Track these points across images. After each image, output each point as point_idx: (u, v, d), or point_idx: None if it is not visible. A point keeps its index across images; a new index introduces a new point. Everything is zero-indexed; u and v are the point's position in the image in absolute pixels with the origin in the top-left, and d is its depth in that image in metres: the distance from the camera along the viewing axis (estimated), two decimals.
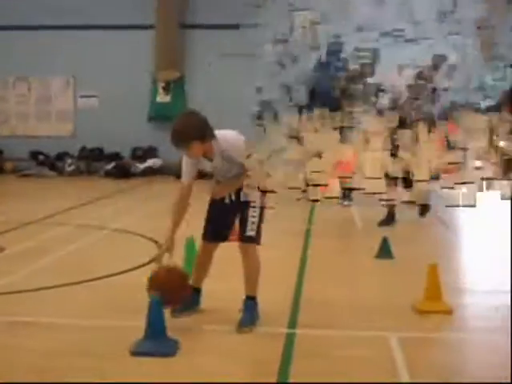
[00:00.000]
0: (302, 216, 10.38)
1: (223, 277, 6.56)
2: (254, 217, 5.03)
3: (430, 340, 4.75)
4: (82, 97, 17.36)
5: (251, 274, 5.02)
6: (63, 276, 6.32)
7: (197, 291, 5.28)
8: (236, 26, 16.53)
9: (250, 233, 5.02)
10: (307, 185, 5.07)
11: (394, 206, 9.18)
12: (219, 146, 4.96)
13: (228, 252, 7.87)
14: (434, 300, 5.31)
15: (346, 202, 11.73)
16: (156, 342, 4.32)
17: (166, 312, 4.49)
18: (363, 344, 4.61)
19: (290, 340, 4.62)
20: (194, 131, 4.95)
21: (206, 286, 6.14)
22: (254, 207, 4.96)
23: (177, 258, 6.69)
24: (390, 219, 9.39)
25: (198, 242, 6.54)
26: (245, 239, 5.06)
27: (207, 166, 5.12)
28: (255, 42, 17.17)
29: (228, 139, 5.02)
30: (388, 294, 5.89)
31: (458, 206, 6.58)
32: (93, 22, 16.84)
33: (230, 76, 16.69)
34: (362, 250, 7.20)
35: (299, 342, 4.58)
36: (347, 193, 11.90)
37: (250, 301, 4.97)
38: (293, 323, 4.98)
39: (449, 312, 5.26)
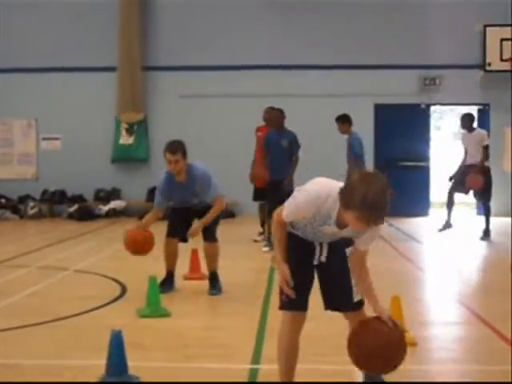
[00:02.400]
0: (267, 254, 10.38)
1: (181, 313, 6.53)
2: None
3: (393, 372, 4.73)
4: (45, 139, 17.27)
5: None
6: (25, 317, 6.22)
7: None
8: (197, 68, 16.80)
9: (358, 296, 4.14)
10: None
11: None
12: None
13: (186, 289, 7.86)
14: None
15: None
16: (117, 379, 4.26)
17: (128, 350, 4.42)
18: (328, 378, 4.59)
19: (253, 375, 4.59)
20: None
21: (166, 323, 6.11)
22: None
23: (139, 300, 6.66)
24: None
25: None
26: (356, 306, 4.18)
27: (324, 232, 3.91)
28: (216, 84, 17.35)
29: None
30: None
31: None
32: (55, 65, 16.83)
33: (191, 117, 16.79)
34: None
35: (263, 377, 4.55)
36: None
37: None
38: (256, 358, 4.95)
39: (413, 344, 5.26)
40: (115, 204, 16.73)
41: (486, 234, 12.10)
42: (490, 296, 7.65)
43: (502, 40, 16.20)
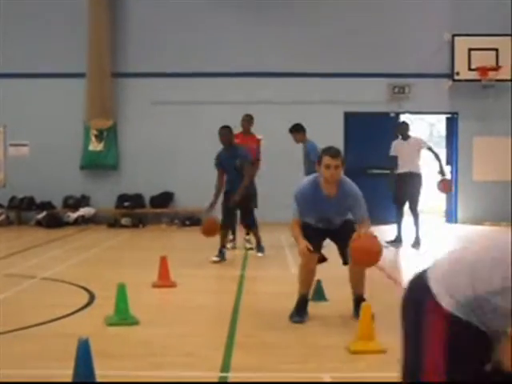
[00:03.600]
0: (236, 261, 10.36)
1: (150, 321, 6.48)
2: None
3: (363, 379, 4.75)
4: (12, 145, 17.09)
5: None
6: None
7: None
8: (167, 75, 16.75)
9: None
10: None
11: None
12: None
13: (155, 297, 7.81)
14: (368, 340, 5.32)
15: (259, 254, 10.94)
16: None
17: (96, 358, 4.36)
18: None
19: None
20: None
21: (134, 331, 6.05)
22: None
23: (108, 308, 6.59)
24: None
25: (130, 288, 6.48)
26: None
27: None
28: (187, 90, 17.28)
29: None
30: (322, 336, 5.89)
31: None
32: (24, 70, 16.67)
33: (161, 124, 16.73)
34: (296, 293, 7.19)
35: None
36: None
37: None
38: (226, 367, 4.92)
39: (382, 351, 5.27)
40: (84, 211, 16.59)
41: (417, 241, 11.98)
42: None
43: (470, 49, 16.37)
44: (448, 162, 17.37)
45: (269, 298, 7.57)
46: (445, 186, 12.30)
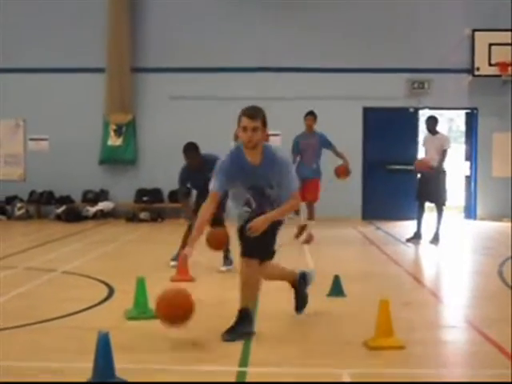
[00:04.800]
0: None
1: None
2: None
3: (381, 375, 4.74)
4: (32, 140, 17.19)
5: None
6: (10, 319, 6.17)
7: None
8: (186, 70, 16.76)
9: None
10: None
11: None
12: None
13: None
14: (386, 336, 5.31)
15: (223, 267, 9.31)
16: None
17: (115, 352, 4.39)
18: (315, 381, 4.58)
19: (241, 378, 4.58)
20: None
21: (153, 325, 6.06)
22: None
23: (127, 302, 6.63)
24: None
25: (149, 282, 6.51)
26: None
27: None
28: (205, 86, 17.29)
29: None
30: (340, 332, 5.89)
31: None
32: (44, 65, 16.77)
33: (180, 119, 16.75)
34: (314, 288, 7.19)
35: (250, 380, 4.54)
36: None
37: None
38: (244, 361, 4.93)
39: (400, 348, 5.26)
40: (103, 205, 16.68)
41: (436, 237, 11.93)
42: (478, 300, 7.66)
43: (490, 45, 16.27)
44: (467, 158, 17.30)
45: (287, 295, 7.55)
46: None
